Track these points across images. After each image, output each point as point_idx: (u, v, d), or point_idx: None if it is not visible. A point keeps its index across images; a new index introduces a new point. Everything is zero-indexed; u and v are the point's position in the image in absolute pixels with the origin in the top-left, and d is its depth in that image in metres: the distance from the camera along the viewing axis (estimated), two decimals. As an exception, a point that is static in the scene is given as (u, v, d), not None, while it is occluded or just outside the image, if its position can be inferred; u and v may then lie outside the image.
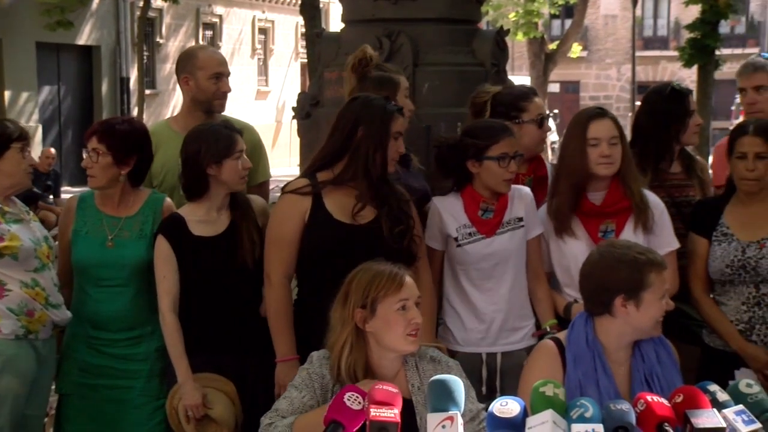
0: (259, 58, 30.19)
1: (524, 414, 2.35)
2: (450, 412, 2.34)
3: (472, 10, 6.18)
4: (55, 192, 15.88)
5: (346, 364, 3.41)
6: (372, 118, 4.11)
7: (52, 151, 16.47)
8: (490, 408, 2.36)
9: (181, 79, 5.04)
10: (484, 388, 4.34)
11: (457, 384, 2.45)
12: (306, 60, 18.68)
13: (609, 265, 3.46)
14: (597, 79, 43.30)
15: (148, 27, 24.23)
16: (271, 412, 3.39)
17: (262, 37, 30.60)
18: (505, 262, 4.41)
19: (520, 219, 4.43)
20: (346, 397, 2.50)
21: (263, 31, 30.61)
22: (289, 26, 31.59)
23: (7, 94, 21.01)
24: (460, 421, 2.32)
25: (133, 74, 23.64)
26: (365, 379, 3.40)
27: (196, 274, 4.28)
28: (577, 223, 4.37)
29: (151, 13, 23.84)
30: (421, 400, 3.39)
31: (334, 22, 27.91)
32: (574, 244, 4.33)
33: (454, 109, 5.42)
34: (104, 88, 23.76)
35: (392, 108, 4.17)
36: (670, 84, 5.14)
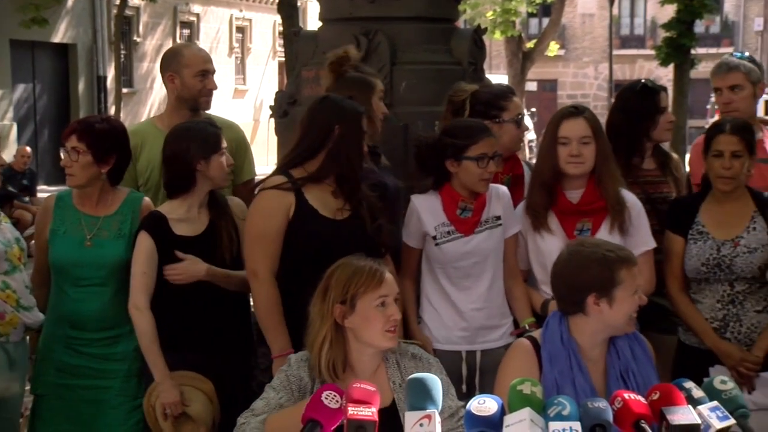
0: (237, 57, 30.12)
1: (502, 412, 2.36)
2: (428, 411, 2.34)
3: (450, 8, 6.18)
4: (31, 191, 15.77)
5: (326, 359, 3.41)
6: (347, 117, 4.17)
7: (27, 149, 16.34)
8: (468, 406, 2.36)
9: (167, 78, 5.04)
10: (464, 387, 4.35)
11: (435, 382, 2.46)
12: (283, 58, 18.67)
13: (579, 265, 3.46)
14: (574, 77, 43.44)
15: (125, 25, 24.11)
16: (247, 411, 3.40)
17: (240, 35, 30.52)
18: (484, 261, 4.42)
19: (498, 218, 4.44)
20: (324, 395, 2.50)
21: (241, 29, 30.53)
22: (267, 25, 31.53)
23: (-20, 92, 20.92)
24: (437, 419, 2.32)
25: (110, 73, 23.53)
26: (345, 374, 3.42)
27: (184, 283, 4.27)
28: (554, 221, 4.39)
29: (128, 12, 23.73)
30: (403, 397, 3.39)
31: (312, 20, 27.93)
32: (551, 242, 4.35)
33: (432, 108, 5.42)
34: (81, 86, 23.62)
35: (360, 108, 4.26)
36: (642, 81, 5.17)
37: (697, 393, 2.52)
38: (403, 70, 5.62)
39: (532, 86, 37.91)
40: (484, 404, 2.35)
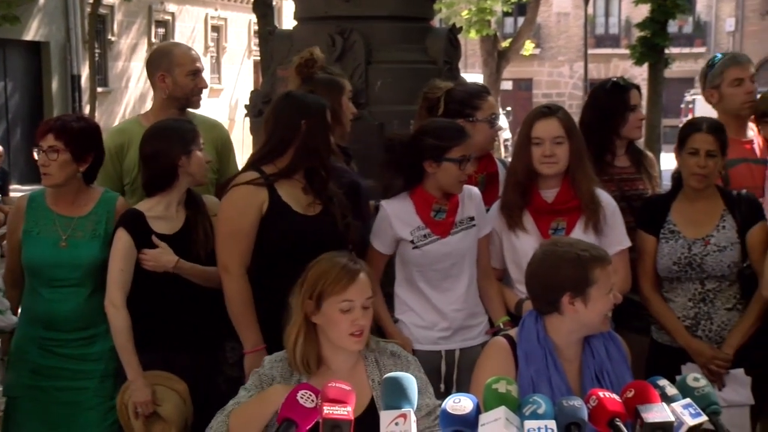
0: (212, 56, 30.03)
1: (477, 411, 2.35)
2: (403, 410, 2.34)
3: (425, 7, 6.19)
4: (4, 191, 15.65)
5: (300, 353, 3.42)
6: (313, 111, 4.19)
7: (-1, 149, 16.27)
8: (443, 405, 2.36)
9: (157, 77, 5.02)
10: (442, 386, 4.36)
11: (410, 381, 2.45)
12: (259, 58, 18.61)
13: (553, 264, 3.46)
14: (550, 76, 43.55)
15: (99, 24, 23.97)
16: (220, 412, 3.39)
17: (215, 34, 30.45)
18: (461, 262, 4.43)
19: (472, 218, 4.45)
20: (299, 395, 2.49)
21: (216, 28, 30.46)
22: (242, 24, 31.47)
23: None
24: (413, 418, 2.32)
25: (85, 72, 23.39)
26: (320, 371, 3.43)
27: (146, 272, 4.25)
28: (529, 220, 4.40)
29: (102, 10, 23.58)
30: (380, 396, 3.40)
31: (287, 19, 27.86)
32: (525, 241, 4.36)
33: (407, 107, 5.43)
34: (54, 85, 23.47)
35: (324, 102, 4.28)
36: (612, 79, 5.20)
37: (671, 390, 2.53)
38: (378, 69, 5.63)
39: (507, 85, 37.96)
40: (460, 403, 2.35)
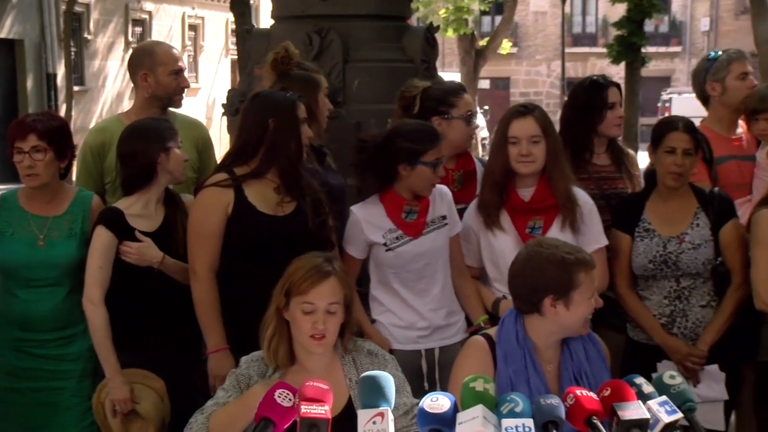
0: (189, 55, 29.90)
1: (455, 409, 2.36)
2: (380, 408, 2.34)
3: (402, 6, 6.19)
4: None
5: (273, 346, 3.44)
6: (280, 109, 4.18)
7: (-28, 148, 16.07)
8: (421, 404, 2.36)
9: (139, 76, 5.01)
10: (426, 384, 4.36)
11: (388, 380, 2.45)
12: (236, 56, 18.57)
13: (538, 266, 3.45)
14: (527, 75, 43.66)
15: (75, 22, 23.79)
16: (197, 412, 3.39)
17: (192, 33, 30.34)
18: (435, 261, 4.43)
19: (444, 217, 4.45)
20: (277, 394, 2.49)
21: (193, 27, 30.35)
22: (219, 23, 31.37)
23: None
24: (390, 417, 2.32)
25: (60, 70, 23.24)
26: (294, 369, 3.44)
27: (133, 268, 4.24)
28: (506, 219, 4.40)
29: (78, 8, 23.38)
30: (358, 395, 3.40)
31: (264, 18, 27.81)
32: (503, 239, 4.37)
33: (384, 106, 5.42)
34: (29, 83, 23.24)
35: (293, 96, 4.25)
36: (591, 77, 5.22)
37: (647, 388, 2.55)
38: (355, 68, 5.63)
39: (484, 84, 38.02)
40: (437, 401, 2.35)
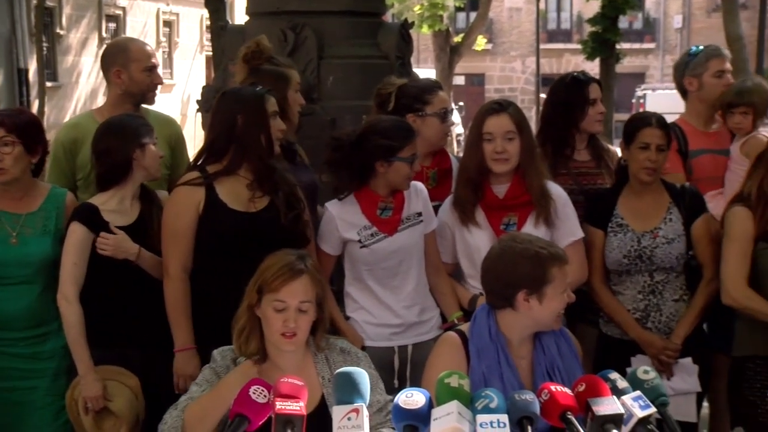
0: (164, 51, 29.77)
1: (429, 405, 2.36)
2: (355, 405, 2.34)
3: (377, 2, 6.20)
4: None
5: (242, 340, 3.44)
6: (247, 104, 4.18)
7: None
8: (396, 400, 2.36)
9: (113, 73, 4.99)
10: (396, 381, 4.37)
11: (362, 376, 2.45)
12: (211, 53, 18.52)
13: (511, 261, 3.47)
14: (502, 71, 43.71)
15: (47, 17, 23.59)
16: (172, 408, 3.38)
17: (167, 29, 30.22)
18: (410, 258, 4.43)
19: (419, 214, 4.45)
20: (252, 390, 2.48)
21: (168, 23, 30.23)
22: (194, 19, 31.25)
23: None
24: (365, 413, 2.32)
25: (32, 65, 23.05)
26: (266, 366, 3.44)
27: (108, 265, 4.22)
28: (481, 215, 4.41)
29: (50, 2, 23.18)
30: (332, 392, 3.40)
31: (239, 14, 27.70)
32: (478, 236, 4.37)
33: (359, 102, 5.43)
34: (0, 79, 23.09)
35: (262, 90, 4.25)
36: (572, 73, 5.24)
37: (622, 384, 2.56)
38: (330, 65, 5.63)
39: (459, 80, 38.08)
40: (412, 397, 2.35)
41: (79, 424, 4.18)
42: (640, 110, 21.27)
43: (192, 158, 4.36)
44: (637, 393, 2.50)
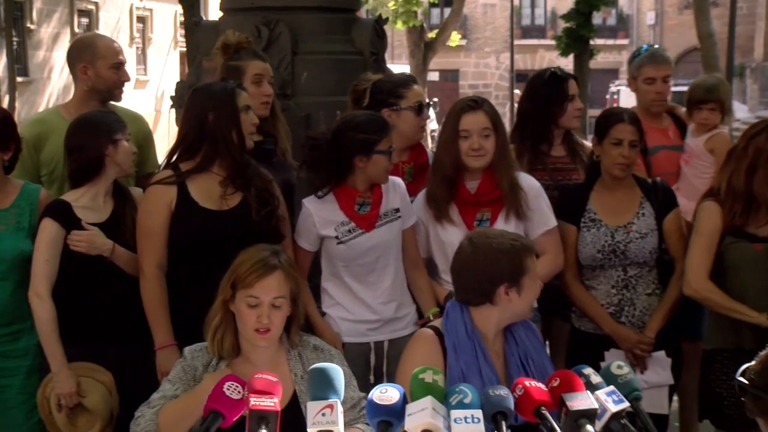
0: (138, 47, 29.65)
1: (404, 401, 2.36)
2: (330, 400, 2.34)
3: (351, -2, 6.19)
4: None
5: (217, 337, 3.44)
6: (217, 100, 4.18)
7: None
8: (370, 395, 2.36)
9: (79, 69, 4.96)
10: (372, 377, 4.37)
11: (337, 372, 2.45)
12: (185, 49, 18.42)
13: (490, 256, 3.49)
14: (476, 67, 43.80)
15: (17, 11, 23.39)
16: (144, 405, 3.37)
17: (141, 25, 30.06)
18: (387, 255, 4.43)
19: (397, 210, 4.45)
20: (226, 386, 2.48)
21: (141, 19, 30.08)
22: (168, 15, 31.14)
23: None
24: (339, 409, 2.32)
25: (2, 60, 22.87)
26: (239, 361, 3.45)
27: (81, 261, 4.20)
28: (455, 211, 4.42)
29: (20, -4, 23.10)
30: (305, 389, 3.40)
31: (213, 10, 27.63)
32: (452, 232, 4.38)
33: (334, 98, 5.43)
34: (-32, 73, 22.92)
35: (232, 85, 4.25)
36: (551, 69, 5.26)
37: (596, 379, 2.57)
38: (304, 60, 5.62)
39: (434, 76, 38.10)
40: (386, 393, 2.35)
41: (51, 422, 4.16)
42: (614, 106, 21.40)
43: (165, 155, 4.34)
44: (611, 388, 2.51)
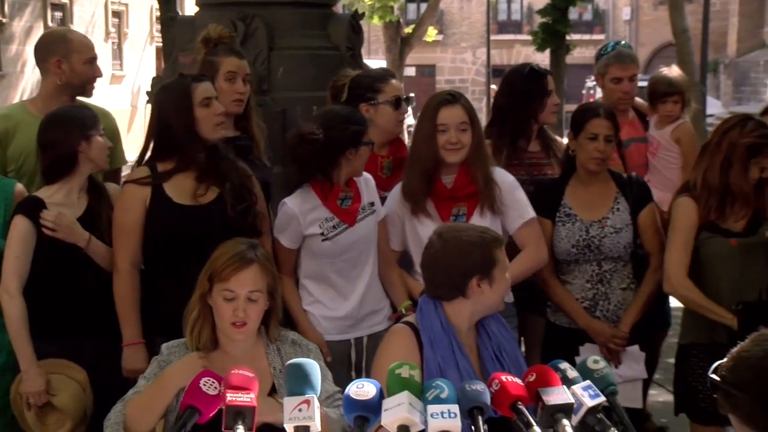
0: (114, 42, 29.44)
1: (380, 396, 2.36)
2: (306, 396, 2.34)
3: (328, -7, 6.18)
4: None
5: (195, 331, 3.45)
6: (171, 95, 4.22)
7: None
8: (347, 391, 2.36)
9: (53, 63, 4.91)
10: (353, 373, 4.38)
11: (313, 367, 2.45)
12: (161, 44, 18.34)
13: (461, 249, 3.50)
14: (452, 62, 43.82)
15: (-13, 4, 23.27)
16: (119, 402, 3.37)
17: (116, 20, 29.85)
18: (368, 248, 4.46)
19: (372, 204, 4.48)
20: (202, 382, 2.48)
21: (117, 14, 29.87)
22: (144, 9, 30.96)
23: None
24: (316, 404, 2.32)
25: (-27, 55, 22.67)
26: (217, 355, 3.45)
27: (56, 257, 4.19)
28: (431, 206, 4.42)
29: (-10, -11, 22.89)
30: (283, 383, 3.41)
31: (189, 5, 27.48)
32: (428, 226, 4.36)
33: (310, 93, 5.43)
34: (-61, 68, 22.70)
35: (187, 80, 4.24)
36: (530, 64, 5.27)
37: (572, 373, 2.58)
38: (280, 56, 5.60)
39: (410, 71, 38.11)
40: (363, 388, 2.36)
41: (24, 420, 4.14)
42: (591, 101, 21.50)
43: (139, 152, 4.33)
44: (587, 382, 2.52)
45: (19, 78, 24.78)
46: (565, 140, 5.03)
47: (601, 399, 2.48)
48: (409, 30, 27.20)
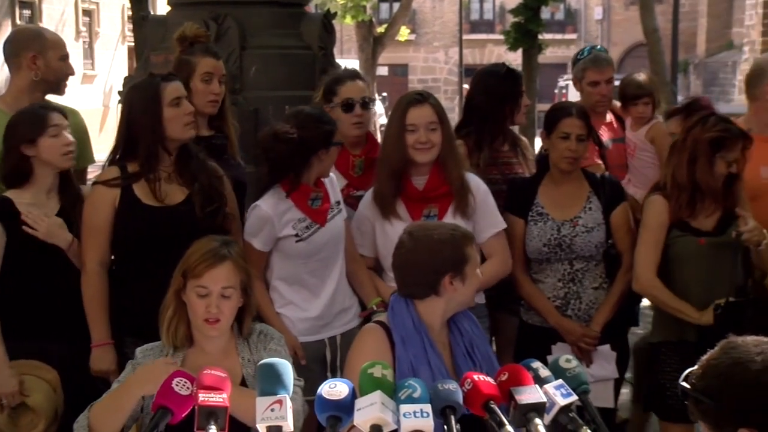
0: (85, 41, 29.26)
1: (353, 396, 2.36)
2: (278, 396, 2.34)
3: (300, -7, 6.17)
4: None
5: (172, 327, 3.46)
6: (139, 95, 4.20)
7: None
8: (319, 390, 2.36)
9: (27, 58, 4.87)
10: (329, 373, 4.37)
11: (286, 367, 2.45)
12: (133, 43, 18.26)
13: (432, 247, 3.50)
14: (425, 62, 43.92)
15: (-46, 1, 23.06)
16: (91, 404, 3.35)
17: (87, 19, 29.66)
18: (338, 247, 4.46)
19: (339, 202, 4.49)
20: (175, 382, 2.48)
21: (88, 13, 29.68)
22: (115, 9, 30.79)
23: None
24: (288, 404, 2.32)
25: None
26: (192, 350, 3.47)
27: (26, 257, 4.15)
28: (402, 208, 4.43)
29: (-45, -14, 22.68)
30: (252, 372, 3.45)
31: (161, 4, 27.37)
32: (400, 228, 4.35)
33: (282, 92, 5.43)
34: None
35: (157, 80, 4.22)
36: (504, 65, 5.29)
37: (544, 372, 2.59)
38: (252, 55, 5.60)
39: (383, 71, 38.15)
40: (335, 388, 2.35)
41: (-2, 421, 4.11)
42: (563, 100, 21.57)
43: (109, 153, 4.30)
44: (560, 381, 2.53)
45: (-10, 76, 24.58)
46: (537, 140, 5.05)
47: (574, 398, 2.49)
48: (381, 29, 27.21)
